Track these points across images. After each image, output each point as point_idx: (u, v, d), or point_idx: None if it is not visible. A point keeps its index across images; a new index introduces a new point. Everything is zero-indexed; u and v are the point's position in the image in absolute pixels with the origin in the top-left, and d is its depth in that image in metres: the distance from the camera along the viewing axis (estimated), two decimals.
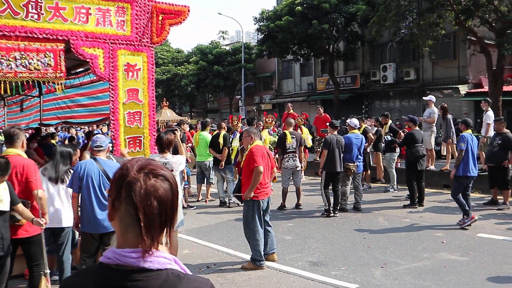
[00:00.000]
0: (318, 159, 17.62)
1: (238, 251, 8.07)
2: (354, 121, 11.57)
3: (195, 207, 11.92)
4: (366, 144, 13.13)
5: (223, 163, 11.85)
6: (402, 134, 13.05)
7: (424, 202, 11.51)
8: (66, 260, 6.08)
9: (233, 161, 12.22)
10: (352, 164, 11.01)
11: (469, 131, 9.70)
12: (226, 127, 12.89)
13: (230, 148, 12.10)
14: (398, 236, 8.77)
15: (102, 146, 5.91)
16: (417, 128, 11.77)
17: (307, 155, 16.58)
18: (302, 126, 15.85)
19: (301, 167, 11.82)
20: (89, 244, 5.75)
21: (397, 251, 7.81)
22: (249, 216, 7.15)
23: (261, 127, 15.29)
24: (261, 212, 7.20)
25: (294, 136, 11.47)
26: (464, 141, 9.37)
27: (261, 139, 7.91)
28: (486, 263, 7.09)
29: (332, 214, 10.48)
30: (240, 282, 6.62)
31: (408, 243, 8.28)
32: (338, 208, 10.75)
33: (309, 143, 15.40)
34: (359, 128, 12.06)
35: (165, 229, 1.57)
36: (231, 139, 12.33)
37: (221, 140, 11.87)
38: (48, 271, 5.14)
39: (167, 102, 21.31)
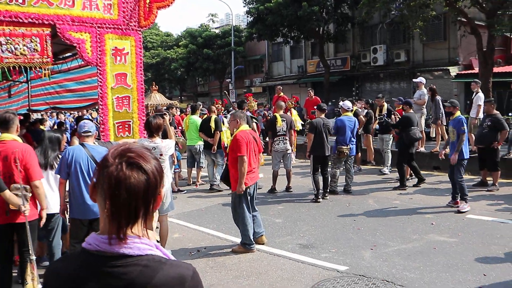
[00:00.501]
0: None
1: (229, 235, 8.08)
2: (347, 103, 11.47)
3: (185, 191, 11.92)
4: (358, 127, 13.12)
5: (215, 147, 11.79)
6: (394, 117, 13.06)
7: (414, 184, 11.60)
8: (56, 246, 6.07)
9: (226, 145, 12.18)
10: (346, 147, 10.92)
11: (459, 112, 9.71)
12: (216, 111, 12.84)
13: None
14: (388, 218, 8.81)
15: (90, 132, 5.86)
16: (411, 111, 11.76)
17: (295, 138, 16.56)
18: (292, 109, 15.89)
19: (291, 150, 11.79)
20: (78, 230, 5.72)
21: (386, 233, 7.86)
22: (237, 202, 7.16)
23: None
24: (248, 198, 7.20)
25: (285, 119, 11.46)
26: (465, 123, 9.37)
27: (248, 123, 7.87)
28: (475, 244, 7.15)
29: (321, 199, 10.37)
30: (230, 265, 6.64)
31: (398, 225, 8.33)
32: (328, 191, 10.68)
33: (298, 126, 15.42)
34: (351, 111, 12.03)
35: (138, 220, 1.54)
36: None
37: (212, 124, 11.79)
38: (34, 257, 5.10)
39: (157, 86, 21.23)
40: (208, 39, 42.83)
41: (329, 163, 10.97)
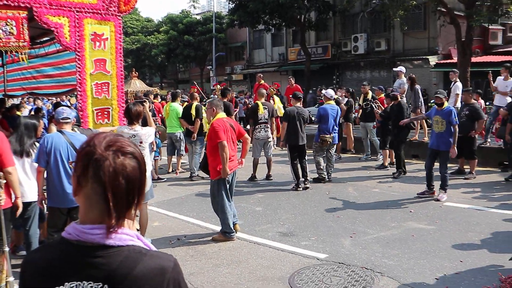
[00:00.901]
0: None
1: (209, 223, 8.07)
2: (330, 91, 11.45)
3: (165, 179, 11.85)
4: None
5: (195, 135, 11.70)
6: (374, 105, 13.14)
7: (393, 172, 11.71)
8: (33, 234, 5.99)
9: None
10: (328, 136, 10.83)
11: (447, 102, 9.78)
12: (198, 98, 12.76)
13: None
14: (367, 206, 8.88)
15: (69, 118, 5.76)
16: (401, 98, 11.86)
17: (279, 125, 16.59)
18: (274, 96, 15.90)
19: (272, 138, 11.80)
20: (57, 219, 5.66)
21: (366, 220, 7.92)
22: (216, 190, 7.14)
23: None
24: (227, 186, 7.19)
25: (266, 107, 11.44)
26: (456, 114, 9.41)
27: (226, 112, 7.84)
28: (452, 231, 7.25)
29: (301, 188, 10.29)
30: (210, 253, 6.64)
31: (377, 212, 8.40)
32: (307, 180, 10.51)
33: (281, 112, 15.44)
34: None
35: (133, 207, 1.54)
36: None
37: (193, 112, 11.70)
38: (7, 248, 4.99)
39: (137, 73, 21.04)
40: (189, 26, 42.56)
41: (313, 151, 11.01)
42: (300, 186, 10.29)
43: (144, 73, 52.62)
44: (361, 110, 14.05)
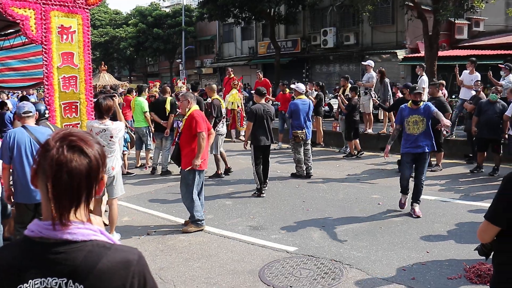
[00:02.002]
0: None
1: (179, 217, 8.04)
2: (301, 86, 11.23)
3: (134, 174, 11.75)
4: None
5: (169, 130, 11.57)
6: (340, 98, 13.28)
7: (362, 165, 11.86)
8: None
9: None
10: (300, 131, 10.65)
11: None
12: (170, 91, 12.64)
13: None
14: (336, 199, 8.98)
15: (31, 112, 5.68)
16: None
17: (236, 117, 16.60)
18: (233, 89, 15.94)
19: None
20: (24, 215, 5.58)
21: (335, 213, 8.01)
22: (190, 180, 7.16)
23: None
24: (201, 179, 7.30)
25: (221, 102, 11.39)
26: None
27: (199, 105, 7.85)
28: (419, 223, 7.39)
29: (264, 193, 9.40)
30: (180, 248, 6.63)
31: (346, 205, 8.50)
32: (266, 183, 9.67)
33: (233, 106, 15.59)
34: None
35: (81, 204, 1.54)
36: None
37: (167, 106, 11.57)
38: None
39: (106, 66, 20.78)
40: (158, 18, 42.17)
41: (291, 149, 10.81)
42: (263, 191, 9.40)
43: (113, 66, 52.01)
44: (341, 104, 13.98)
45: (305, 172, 10.90)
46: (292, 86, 11.51)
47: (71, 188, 1.49)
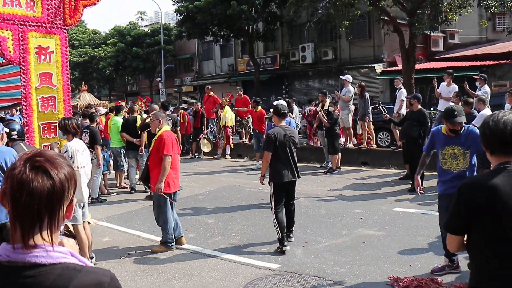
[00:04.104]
0: (244, 141, 17.73)
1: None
2: (281, 102, 10.62)
3: (115, 193, 11.64)
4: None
5: (142, 148, 11.49)
6: (321, 113, 13.33)
7: (343, 180, 11.88)
8: None
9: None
10: None
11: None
12: (138, 110, 12.62)
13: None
14: (319, 214, 8.96)
15: None
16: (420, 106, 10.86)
17: (228, 133, 16.66)
18: (227, 106, 16.10)
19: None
20: None
21: (317, 229, 7.99)
22: (162, 201, 7.11)
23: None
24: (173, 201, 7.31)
25: (170, 119, 11.27)
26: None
27: (169, 125, 7.79)
28: (401, 236, 7.40)
29: (288, 246, 7.04)
30: (162, 268, 6.54)
31: (328, 221, 8.48)
32: (291, 232, 7.50)
33: (230, 122, 15.63)
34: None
35: (44, 226, 1.50)
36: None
37: (138, 125, 11.52)
38: None
39: (86, 86, 20.68)
40: (137, 38, 42.19)
41: None
42: (286, 244, 7.02)
43: (92, 86, 51.72)
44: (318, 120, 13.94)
45: None
46: (275, 103, 10.78)
47: (31, 209, 1.46)
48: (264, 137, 10.05)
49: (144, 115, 12.50)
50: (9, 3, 6.66)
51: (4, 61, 8.66)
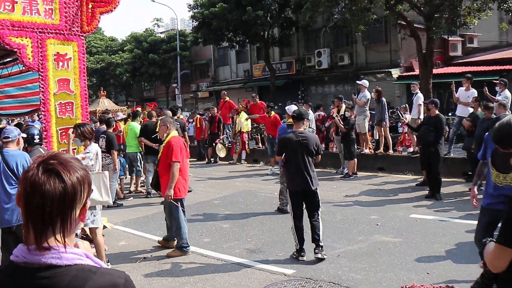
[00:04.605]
0: (259, 146, 17.74)
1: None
2: (292, 107, 10.09)
3: (131, 198, 11.69)
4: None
5: None
6: (337, 119, 13.25)
7: (359, 186, 11.79)
8: None
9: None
10: None
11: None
12: (156, 115, 12.67)
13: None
14: (334, 220, 8.89)
15: (9, 137, 5.76)
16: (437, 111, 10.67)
17: (244, 139, 16.65)
18: (243, 112, 16.13)
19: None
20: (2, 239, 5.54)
21: (333, 235, 7.92)
22: (173, 207, 7.13)
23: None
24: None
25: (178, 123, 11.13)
26: None
27: (177, 130, 7.79)
28: (418, 243, 7.30)
29: (304, 256, 6.79)
30: (177, 272, 6.54)
31: (344, 226, 8.41)
32: (320, 247, 6.82)
33: (246, 127, 15.61)
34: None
35: (57, 228, 1.50)
36: None
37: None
38: None
39: (105, 92, 20.79)
40: (153, 44, 42.46)
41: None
42: (303, 254, 6.78)
43: (109, 92, 52.10)
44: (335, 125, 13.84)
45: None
46: (286, 108, 10.64)
47: (43, 211, 1.47)
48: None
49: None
50: (29, 12, 6.80)
51: (23, 68, 8.82)
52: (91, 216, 6.47)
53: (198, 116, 18.53)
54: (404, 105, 17.24)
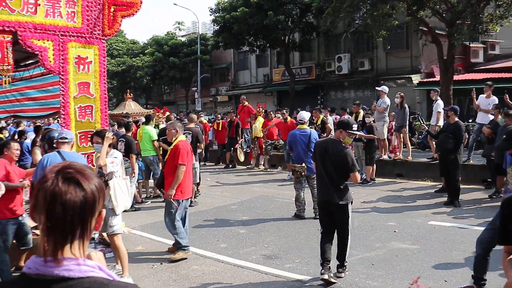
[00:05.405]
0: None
1: (192, 246, 7.92)
2: (302, 114, 10.12)
3: (149, 202, 11.76)
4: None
5: None
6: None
7: (377, 192, 11.73)
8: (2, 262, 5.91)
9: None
10: (299, 166, 9.43)
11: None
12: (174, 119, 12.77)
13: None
14: (352, 227, 8.80)
15: (67, 138, 5.90)
16: (457, 118, 10.55)
17: (261, 143, 16.61)
18: (259, 116, 16.11)
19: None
20: None
21: (350, 241, 7.87)
22: (172, 208, 7.29)
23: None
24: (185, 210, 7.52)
25: (191, 132, 10.97)
26: None
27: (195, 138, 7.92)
28: (436, 250, 7.24)
29: (324, 272, 6.06)
30: (193, 277, 6.55)
31: (361, 233, 8.37)
32: (344, 266, 6.38)
33: (259, 133, 15.60)
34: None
35: (75, 239, 1.51)
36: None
37: None
38: None
39: (131, 94, 20.85)
40: (174, 47, 42.67)
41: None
42: (323, 272, 6.06)
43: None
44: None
45: (313, 213, 9.40)
46: (298, 115, 10.41)
47: (64, 221, 1.46)
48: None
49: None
50: (51, 15, 6.85)
51: (44, 71, 8.91)
52: (118, 222, 6.50)
53: (222, 120, 18.51)
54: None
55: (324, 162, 6.31)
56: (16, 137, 12.99)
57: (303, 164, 9.42)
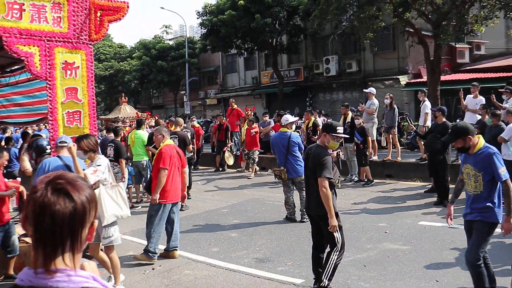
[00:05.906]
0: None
1: (184, 251, 7.93)
2: (286, 117, 10.16)
3: (139, 207, 11.70)
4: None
5: None
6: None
7: (368, 193, 11.77)
8: None
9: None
10: (278, 169, 9.42)
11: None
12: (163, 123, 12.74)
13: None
14: (343, 228, 8.85)
15: (66, 143, 5.93)
16: (444, 119, 10.67)
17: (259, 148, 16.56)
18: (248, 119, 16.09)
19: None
20: None
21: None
22: (153, 211, 7.34)
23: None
24: (169, 213, 7.49)
25: (176, 137, 10.99)
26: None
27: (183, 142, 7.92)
28: (427, 251, 7.28)
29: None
30: (186, 282, 6.53)
31: (353, 234, 8.38)
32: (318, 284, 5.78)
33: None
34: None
35: (66, 250, 1.49)
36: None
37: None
38: None
39: (126, 98, 20.71)
40: (162, 51, 42.63)
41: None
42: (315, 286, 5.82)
43: (118, 99, 52.39)
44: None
45: (301, 215, 9.42)
46: (283, 118, 10.36)
47: (53, 232, 1.45)
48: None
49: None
50: (37, 20, 6.81)
51: (31, 76, 8.85)
52: (115, 233, 6.25)
53: (215, 124, 18.51)
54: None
55: (306, 168, 6.07)
56: (3, 143, 12.87)
57: (282, 168, 9.37)
